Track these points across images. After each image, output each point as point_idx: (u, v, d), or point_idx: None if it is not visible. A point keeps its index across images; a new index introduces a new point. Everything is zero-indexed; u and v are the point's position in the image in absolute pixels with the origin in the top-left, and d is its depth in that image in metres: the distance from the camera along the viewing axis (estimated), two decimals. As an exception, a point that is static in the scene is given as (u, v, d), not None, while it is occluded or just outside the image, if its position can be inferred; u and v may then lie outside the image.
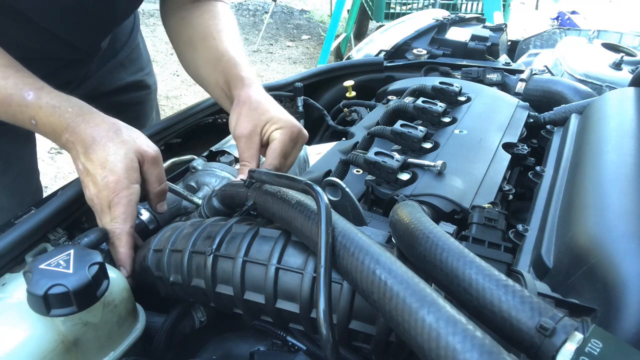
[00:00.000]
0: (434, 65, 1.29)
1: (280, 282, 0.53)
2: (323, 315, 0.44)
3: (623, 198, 0.60)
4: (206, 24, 0.89)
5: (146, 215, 0.74)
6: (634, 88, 0.92)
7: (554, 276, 0.57)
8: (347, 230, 0.47)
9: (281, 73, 4.36)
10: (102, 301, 0.52)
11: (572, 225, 0.61)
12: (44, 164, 2.78)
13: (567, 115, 0.99)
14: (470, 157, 0.83)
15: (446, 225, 0.63)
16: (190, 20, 0.91)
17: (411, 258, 0.50)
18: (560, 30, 1.98)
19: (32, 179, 1.09)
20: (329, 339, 0.43)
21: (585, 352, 0.35)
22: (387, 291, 0.40)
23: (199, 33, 0.89)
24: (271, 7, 4.98)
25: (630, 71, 1.43)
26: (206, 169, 0.82)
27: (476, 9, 3.77)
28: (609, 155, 0.71)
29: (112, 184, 0.62)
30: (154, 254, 0.66)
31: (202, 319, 0.68)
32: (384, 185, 0.77)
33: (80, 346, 0.52)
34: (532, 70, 1.21)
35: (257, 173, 0.60)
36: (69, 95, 0.69)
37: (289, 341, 0.58)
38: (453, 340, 0.35)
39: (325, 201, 0.49)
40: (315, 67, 1.27)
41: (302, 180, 0.53)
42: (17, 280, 0.54)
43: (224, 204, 0.67)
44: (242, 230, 0.58)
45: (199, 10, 0.91)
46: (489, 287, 0.41)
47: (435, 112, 0.92)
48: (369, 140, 0.92)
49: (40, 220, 0.62)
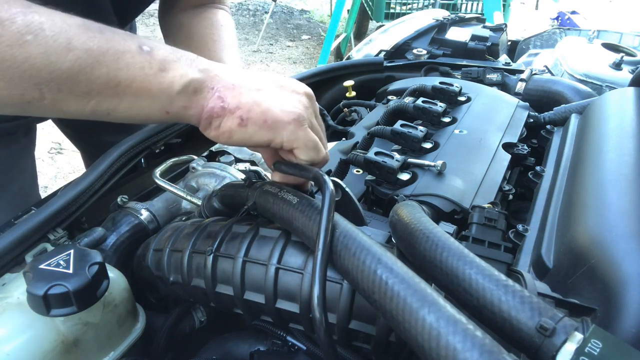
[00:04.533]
0: (434, 65, 1.29)
1: (280, 282, 0.53)
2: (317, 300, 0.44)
3: (623, 198, 0.60)
4: (203, 33, 0.88)
5: (146, 215, 0.74)
6: (634, 88, 0.92)
7: (554, 276, 0.57)
8: (349, 230, 0.47)
9: (281, 73, 4.36)
10: (102, 301, 0.52)
11: (572, 225, 0.61)
12: (44, 164, 2.78)
13: (567, 115, 0.99)
14: (470, 157, 0.83)
15: (446, 225, 0.63)
16: (188, 27, 0.89)
17: (411, 258, 0.50)
18: (560, 30, 1.98)
19: (33, 190, 1.08)
20: (322, 323, 0.44)
21: (585, 352, 0.35)
22: (388, 291, 0.40)
23: (194, 42, 0.87)
24: (271, 7, 4.99)
25: (630, 71, 1.43)
26: (206, 169, 0.82)
27: (476, 9, 3.77)
28: (609, 155, 0.71)
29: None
30: (154, 253, 0.66)
31: (202, 319, 0.68)
32: (384, 185, 0.77)
33: (80, 346, 0.52)
34: (532, 70, 1.21)
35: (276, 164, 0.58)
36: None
37: (289, 341, 0.58)
38: (453, 339, 0.35)
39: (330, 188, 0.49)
40: (315, 67, 1.27)
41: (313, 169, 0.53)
42: (17, 280, 0.55)
43: (224, 204, 0.67)
44: (242, 230, 0.58)
45: (198, 17, 0.90)
46: (489, 287, 0.41)
47: (435, 112, 0.92)
48: (369, 140, 0.92)
49: (40, 220, 0.62)
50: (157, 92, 0.49)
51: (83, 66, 0.45)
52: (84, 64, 0.45)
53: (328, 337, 0.44)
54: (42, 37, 0.44)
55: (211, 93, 0.51)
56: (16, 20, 0.43)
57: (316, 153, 0.54)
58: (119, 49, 0.47)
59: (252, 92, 0.52)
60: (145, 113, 0.51)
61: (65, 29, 0.45)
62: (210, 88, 0.51)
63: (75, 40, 0.45)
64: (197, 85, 0.51)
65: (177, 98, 0.50)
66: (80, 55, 0.45)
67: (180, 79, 0.50)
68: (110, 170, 0.74)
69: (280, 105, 0.52)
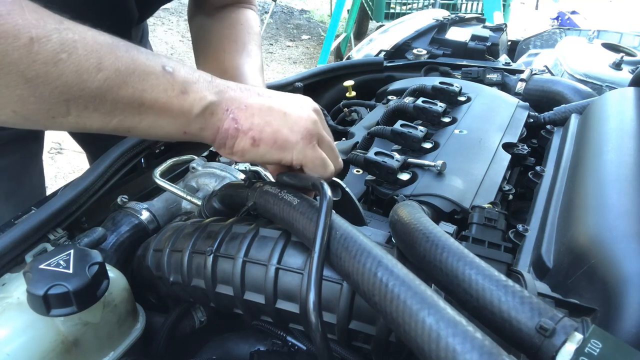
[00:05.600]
0: (434, 65, 1.29)
1: (280, 283, 0.53)
2: (312, 305, 0.44)
3: (623, 198, 0.60)
4: (221, 34, 0.88)
5: (146, 215, 0.74)
6: (634, 88, 0.92)
7: (554, 276, 0.57)
8: (349, 232, 0.47)
9: (281, 73, 4.36)
10: (102, 301, 0.52)
11: (572, 225, 0.61)
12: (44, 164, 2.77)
13: (567, 115, 0.99)
14: (470, 157, 0.83)
15: (446, 225, 0.63)
16: (209, 28, 0.90)
17: (411, 258, 0.50)
18: (560, 30, 1.98)
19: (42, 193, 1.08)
20: (318, 328, 0.44)
21: (585, 352, 0.35)
22: (388, 293, 0.40)
23: (212, 42, 0.88)
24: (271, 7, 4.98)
25: (630, 71, 1.43)
26: (206, 169, 0.82)
27: (476, 9, 3.77)
28: (609, 155, 0.71)
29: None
30: (154, 254, 0.66)
31: (202, 319, 0.68)
32: (384, 185, 0.77)
33: (80, 346, 0.52)
34: (532, 70, 1.21)
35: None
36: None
37: (289, 341, 0.58)
38: (453, 341, 0.35)
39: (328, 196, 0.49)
40: (315, 67, 1.27)
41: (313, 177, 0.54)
42: (17, 280, 0.55)
43: (224, 204, 0.67)
44: (242, 230, 0.58)
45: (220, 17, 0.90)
46: (489, 288, 0.41)
47: (435, 112, 0.92)
48: (369, 140, 0.92)
49: (40, 220, 0.62)
50: (178, 113, 0.51)
51: (111, 86, 0.47)
52: (112, 84, 0.47)
53: (324, 341, 0.44)
54: (75, 56, 0.44)
55: (226, 115, 0.53)
56: (52, 38, 0.43)
57: (324, 169, 0.56)
58: (144, 70, 0.49)
59: (263, 113, 0.54)
60: (164, 132, 0.52)
61: (96, 48, 0.46)
62: (225, 110, 0.53)
63: (106, 60, 0.46)
64: (214, 108, 0.53)
65: (195, 120, 0.52)
66: (109, 75, 0.46)
67: (199, 102, 0.51)
68: (110, 170, 0.74)
69: (290, 125, 0.54)
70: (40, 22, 0.43)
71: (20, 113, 0.46)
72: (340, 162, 0.60)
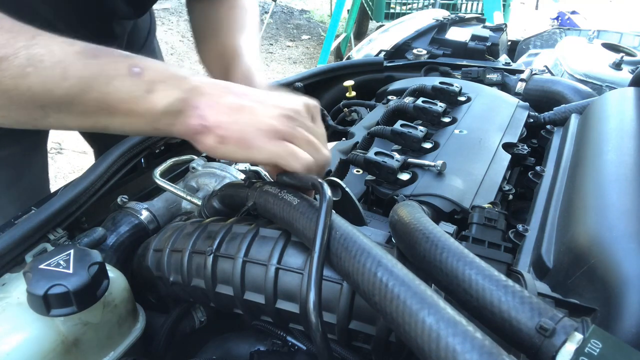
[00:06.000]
0: (434, 65, 1.29)
1: (280, 283, 0.53)
2: (312, 305, 0.44)
3: (623, 198, 0.60)
4: (221, 17, 0.89)
5: (146, 215, 0.74)
6: (634, 88, 0.92)
7: (554, 276, 0.57)
8: (348, 232, 0.47)
9: (281, 73, 4.36)
10: (102, 301, 0.52)
11: (572, 225, 0.61)
12: (44, 164, 2.77)
13: (567, 115, 0.99)
14: (470, 157, 0.83)
15: (446, 225, 0.63)
16: (208, 15, 0.91)
17: (411, 258, 0.50)
18: (560, 30, 1.98)
19: (44, 185, 1.08)
20: (318, 328, 0.44)
21: (585, 352, 0.35)
22: (388, 293, 0.40)
23: (211, 27, 0.89)
24: (271, 7, 4.98)
25: (630, 71, 1.43)
26: (206, 169, 0.82)
27: (476, 9, 3.77)
28: (609, 155, 0.71)
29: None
30: (154, 254, 0.66)
31: (202, 319, 0.68)
32: (384, 185, 0.77)
33: (80, 346, 0.52)
34: (532, 70, 1.21)
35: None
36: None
37: (289, 341, 0.58)
38: (453, 341, 0.35)
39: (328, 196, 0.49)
40: (315, 67, 1.27)
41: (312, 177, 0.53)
42: (17, 280, 0.55)
43: (224, 204, 0.67)
44: (242, 230, 0.58)
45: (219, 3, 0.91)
46: (489, 288, 0.41)
47: (435, 112, 0.92)
48: (369, 140, 0.92)
49: (40, 220, 0.62)
50: (143, 112, 0.53)
51: (76, 92, 0.51)
52: (77, 90, 0.51)
53: (324, 341, 0.44)
54: (41, 69, 0.49)
55: (193, 112, 0.54)
56: (19, 55, 0.48)
57: (297, 162, 0.54)
58: (108, 74, 0.52)
59: (232, 111, 0.55)
60: (137, 128, 0.56)
61: (62, 59, 0.50)
62: (194, 107, 0.54)
63: (71, 69, 0.50)
64: (180, 105, 0.54)
65: (162, 117, 0.54)
66: (74, 83, 0.50)
67: (163, 99, 0.53)
68: (110, 170, 0.74)
69: (255, 123, 0.54)
70: (10, 42, 0.48)
71: (9, 117, 0.53)
72: (325, 153, 0.58)
